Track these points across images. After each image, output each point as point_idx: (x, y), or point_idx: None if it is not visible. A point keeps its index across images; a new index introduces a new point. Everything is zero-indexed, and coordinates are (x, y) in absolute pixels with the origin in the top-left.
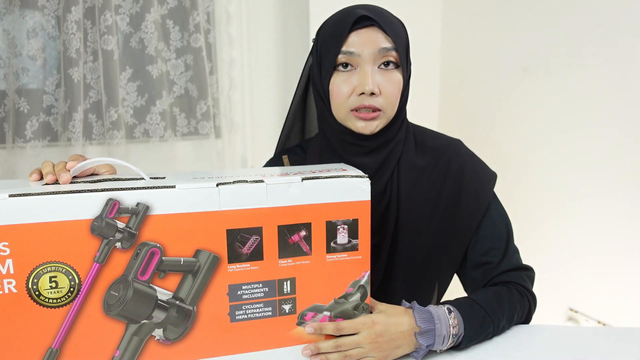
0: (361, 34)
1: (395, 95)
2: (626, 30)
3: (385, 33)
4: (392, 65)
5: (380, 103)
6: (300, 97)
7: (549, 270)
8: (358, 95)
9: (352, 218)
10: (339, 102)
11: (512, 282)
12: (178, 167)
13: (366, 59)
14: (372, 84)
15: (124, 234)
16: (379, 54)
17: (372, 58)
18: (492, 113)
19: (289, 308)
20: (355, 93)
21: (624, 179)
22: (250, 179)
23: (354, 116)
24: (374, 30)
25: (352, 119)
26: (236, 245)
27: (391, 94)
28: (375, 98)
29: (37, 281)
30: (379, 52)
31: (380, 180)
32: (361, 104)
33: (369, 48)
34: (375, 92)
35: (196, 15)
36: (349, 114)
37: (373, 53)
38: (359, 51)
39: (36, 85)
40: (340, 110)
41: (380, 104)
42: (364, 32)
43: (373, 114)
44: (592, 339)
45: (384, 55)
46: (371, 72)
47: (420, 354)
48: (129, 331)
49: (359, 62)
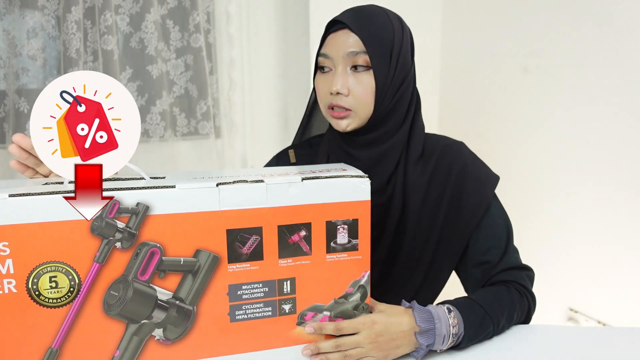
0: (335, 37)
1: (366, 96)
2: (626, 30)
3: (357, 36)
4: (362, 68)
5: (350, 103)
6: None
7: (549, 270)
8: (330, 95)
9: (352, 218)
10: (320, 100)
11: (512, 281)
12: (178, 167)
13: (338, 61)
14: (338, 85)
15: (124, 233)
16: (348, 57)
17: (343, 61)
18: (492, 113)
19: (289, 308)
20: (329, 92)
21: (624, 179)
22: (250, 179)
23: (330, 114)
24: (345, 33)
25: (329, 116)
26: (236, 245)
27: (360, 95)
28: (344, 98)
29: (37, 281)
30: (348, 56)
31: (379, 176)
32: (333, 103)
33: (337, 51)
34: (341, 92)
35: (196, 15)
36: (327, 112)
37: (343, 56)
38: (331, 54)
39: (36, 85)
40: (322, 108)
41: (349, 104)
42: (337, 36)
43: (343, 112)
44: (592, 339)
45: (352, 58)
46: (341, 73)
47: (420, 353)
48: (129, 331)
49: (334, 63)
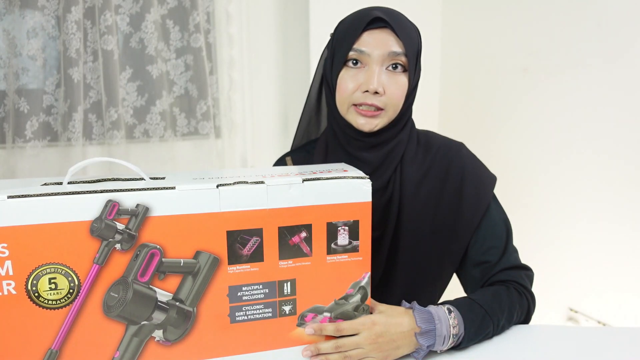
0: (374, 34)
1: (399, 97)
2: (626, 30)
3: (397, 37)
4: (400, 68)
5: (383, 102)
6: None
7: (549, 270)
8: (362, 92)
9: (352, 219)
10: (344, 95)
11: (511, 280)
12: (178, 167)
13: (375, 59)
14: (377, 83)
15: (124, 235)
16: (388, 56)
17: (381, 59)
18: (492, 113)
19: (289, 309)
20: (360, 90)
21: (623, 179)
22: (251, 180)
23: (355, 111)
24: (386, 32)
25: (353, 113)
26: (236, 246)
27: (395, 95)
28: (378, 97)
29: (37, 283)
30: (389, 55)
31: (382, 176)
32: (364, 101)
33: (379, 49)
34: (379, 91)
35: (196, 15)
36: (350, 109)
37: (382, 55)
38: (370, 51)
39: (36, 85)
40: (343, 104)
41: (383, 104)
42: (377, 33)
43: (375, 112)
44: (592, 339)
45: (393, 58)
46: (378, 72)
47: (420, 354)
48: (129, 332)
49: (368, 61)
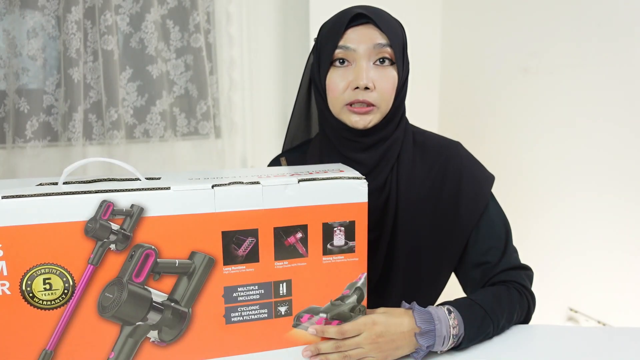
0: (357, 30)
1: (390, 91)
2: (626, 30)
3: (380, 30)
4: (388, 61)
5: (374, 98)
6: (304, 97)
7: (549, 270)
8: (353, 90)
9: (348, 220)
10: (335, 96)
11: (511, 281)
12: (178, 167)
13: (362, 54)
14: (366, 79)
15: (119, 235)
16: (374, 49)
17: (368, 54)
18: (492, 113)
19: (285, 310)
20: (350, 87)
21: (623, 178)
22: (246, 180)
23: (348, 110)
24: (369, 27)
25: (346, 113)
26: (232, 247)
27: (385, 89)
28: (369, 93)
29: (31, 283)
30: (374, 48)
31: (378, 176)
32: (355, 99)
33: (364, 43)
34: (369, 86)
35: (196, 15)
36: (343, 108)
37: (368, 49)
38: (355, 46)
39: (36, 85)
40: (335, 104)
41: (374, 99)
42: (360, 29)
43: (367, 108)
44: (592, 339)
45: (379, 51)
46: (366, 67)
47: (420, 354)
48: (124, 333)
49: (355, 57)
